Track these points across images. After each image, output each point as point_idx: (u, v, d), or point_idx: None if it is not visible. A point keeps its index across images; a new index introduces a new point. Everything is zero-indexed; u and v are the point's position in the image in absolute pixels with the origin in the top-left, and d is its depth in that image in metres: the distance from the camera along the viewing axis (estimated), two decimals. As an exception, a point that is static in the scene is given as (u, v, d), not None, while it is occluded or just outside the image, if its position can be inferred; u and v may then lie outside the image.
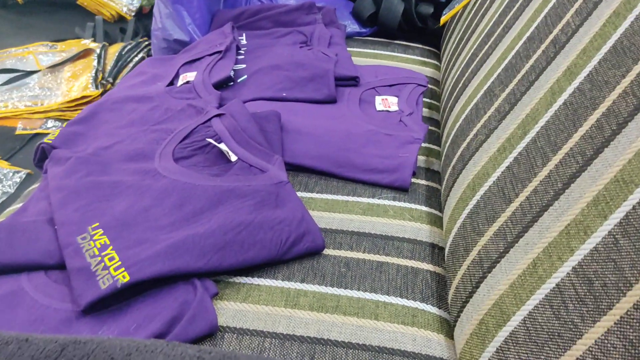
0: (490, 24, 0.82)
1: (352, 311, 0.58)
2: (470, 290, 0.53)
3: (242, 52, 1.08)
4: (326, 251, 0.65)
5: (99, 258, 0.59)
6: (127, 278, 0.57)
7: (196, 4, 1.15)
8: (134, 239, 0.62)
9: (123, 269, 0.57)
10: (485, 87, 0.71)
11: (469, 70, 0.81)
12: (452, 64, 0.96)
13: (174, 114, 0.87)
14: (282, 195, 0.69)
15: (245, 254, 0.61)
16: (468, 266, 0.55)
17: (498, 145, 0.60)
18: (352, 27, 1.20)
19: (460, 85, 0.83)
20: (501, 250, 0.50)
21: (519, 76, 0.62)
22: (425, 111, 0.95)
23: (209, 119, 0.83)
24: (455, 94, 0.83)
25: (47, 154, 0.86)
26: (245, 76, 0.96)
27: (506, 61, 0.68)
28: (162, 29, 1.20)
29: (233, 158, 0.75)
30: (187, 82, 0.98)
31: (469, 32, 0.94)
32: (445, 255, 0.63)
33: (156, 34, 1.22)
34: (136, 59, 1.83)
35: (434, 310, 0.59)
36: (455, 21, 1.11)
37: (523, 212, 0.50)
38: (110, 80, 1.71)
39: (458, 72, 0.88)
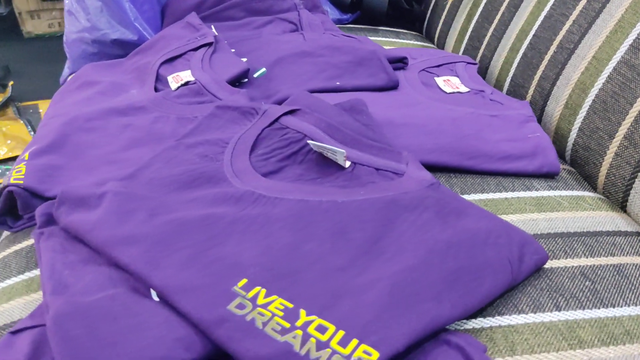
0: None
1: (652, 335, 0.42)
2: None
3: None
4: (550, 265, 0.48)
5: (298, 332, 0.36)
6: (375, 355, 0.34)
7: (144, -8, 0.89)
8: (326, 292, 0.39)
9: (356, 340, 0.35)
10: (630, 39, 0.60)
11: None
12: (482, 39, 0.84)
13: (204, 123, 0.62)
14: (451, 201, 0.50)
15: (482, 284, 0.42)
16: None
17: None
18: (331, 14, 1.03)
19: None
20: None
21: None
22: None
23: (276, 119, 0.60)
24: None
25: (15, 201, 0.57)
26: (264, 69, 0.74)
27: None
28: (90, 28, 0.91)
29: (347, 163, 0.54)
30: (186, 84, 0.73)
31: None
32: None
33: (80, 37, 0.93)
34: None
35: None
36: (438, 2, 1.00)
37: None
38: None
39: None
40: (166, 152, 0.58)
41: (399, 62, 0.78)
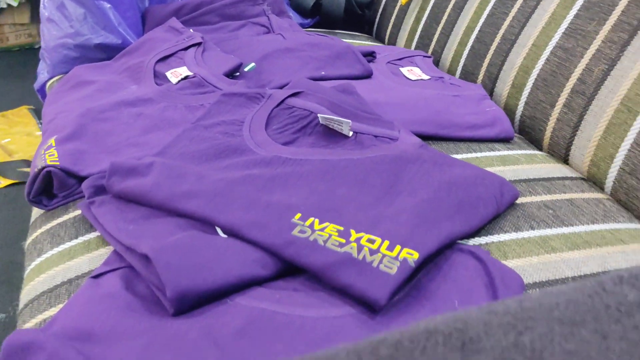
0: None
1: (604, 242, 0.55)
2: None
3: (207, 47, 0.93)
4: (520, 201, 0.61)
5: (353, 244, 0.46)
6: (416, 254, 0.45)
7: (127, 1, 0.97)
8: (366, 218, 0.49)
9: (399, 246, 0.46)
10: (562, 29, 0.75)
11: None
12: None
13: (214, 108, 0.71)
14: (440, 156, 0.62)
15: (478, 212, 0.54)
16: None
17: None
18: (294, 18, 1.14)
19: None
20: None
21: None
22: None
23: (282, 101, 0.70)
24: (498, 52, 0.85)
25: (48, 183, 0.64)
26: (253, 64, 0.84)
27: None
28: (73, 34, 0.98)
29: (350, 133, 0.65)
30: (186, 78, 0.81)
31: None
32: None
33: (62, 42, 0.99)
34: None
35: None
36: (387, 8, 1.14)
37: None
38: None
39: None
40: (187, 133, 0.67)
41: (369, 56, 0.90)
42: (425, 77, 0.87)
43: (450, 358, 0.20)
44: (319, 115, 0.65)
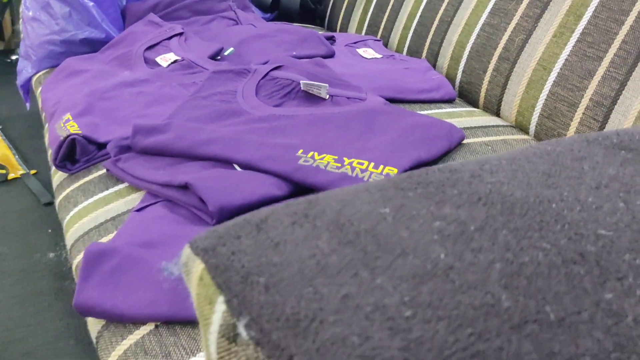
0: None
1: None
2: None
3: (185, 37, 1.06)
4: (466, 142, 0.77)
5: (347, 166, 0.60)
6: (395, 170, 0.60)
7: (108, -2, 1.07)
8: (354, 149, 0.64)
9: (382, 165, 0.60)
10: (488, 9, 0.92)
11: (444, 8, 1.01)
12: (390, 19, 1.14)
13: (208, 83, 0.84)
14: (402, 109, 0.77)
15: (437, 145, 0.69)
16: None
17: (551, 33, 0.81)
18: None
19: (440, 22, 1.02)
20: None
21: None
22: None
23: (267, 73, 0.84)
24: (434, 31, 1.02)
25: (73, 148, 0.75)
26: (232, 49, 0.97)
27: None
28: (59, 31, 1.07)
29: (327, 96, 0.79)
30: (175, 62, 0.94)
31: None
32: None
33: (48, 39, 1.08)
34: None
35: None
36: (337, 2, 1.30)
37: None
38: None
39: (417, 19, 1.06)
40: (188, 103, 0.79)
41: (330, 40, 1.04)
42: (379, 55, 1.02)
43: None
44: (300, 82, 0.79)
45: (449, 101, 0.90)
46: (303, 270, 0.28)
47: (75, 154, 0.76)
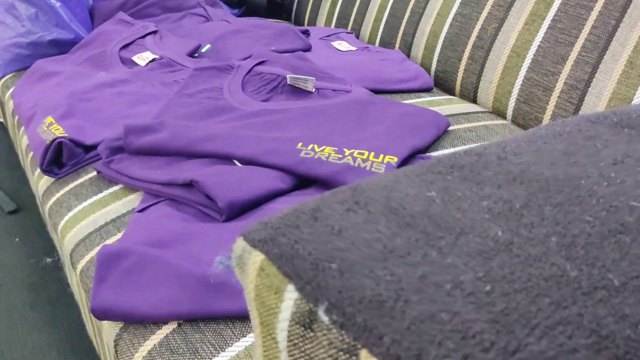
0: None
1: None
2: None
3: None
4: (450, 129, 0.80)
5: (348, 157, 0.62)
6: (395, 158, 0.62)
7: (76, -3, 1.05)
8: (352, 140, 0.65)
9: (382, 154, 0.62)
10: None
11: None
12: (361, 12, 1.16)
13: (191, 81, 0.84)
14: (387, 99, 0.79)
15: (428, 132, 0.71)
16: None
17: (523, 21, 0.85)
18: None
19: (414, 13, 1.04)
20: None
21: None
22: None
23: (251, 69, 0.84)
24: (406, 22, 1.04)
25: (56, 155, 0.74)
26: (209, 45, 0.97)
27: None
28: (26, 33, 1.04)
29: (313, 89, 0.80)
30: (153, 60, 0.93)
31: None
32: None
33: (15, 42, 1.05)
34: None
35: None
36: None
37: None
38: None
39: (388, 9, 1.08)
40: (174, 101, 0.79)
41: (304, 34, 1.05)
42: (354, 48, 1.04)
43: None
44: (287, 76, 0.79)
45: (427, 90, 0.93)
46: (372, 253, 0.29)
47: (62, 158, 0.75)
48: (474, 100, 0.93)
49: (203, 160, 0.65)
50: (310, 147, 0.63)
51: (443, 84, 0.98)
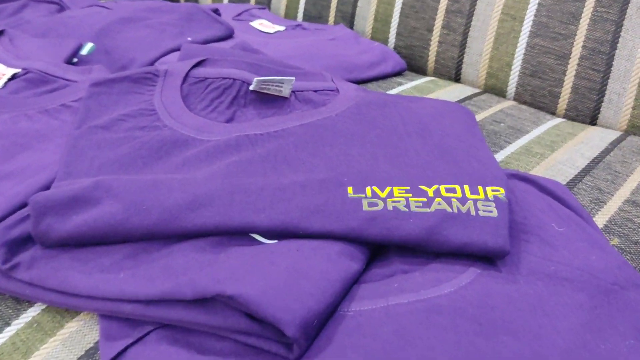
0: None
1: (562, 139, 0.59)
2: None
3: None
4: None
5: (437, 199, 0.40)
6: (502, 190, 0.41)
7: None
8: (417, 171, 0.44)
9: (480, 187, 0.41)
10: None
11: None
12: None
13: (92, 104, 0.54)
14: (397, 97, 0.58)
15: (477, 133, 0.52)
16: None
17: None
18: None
19: None
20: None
21: None
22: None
23: (188, 73, 0.57)
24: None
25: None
26: (92, 44, 0.66)
27: None
28: None
29: (286, 93, 0.56)
30: (13, 77, 0.60)
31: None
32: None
33: None
34: None
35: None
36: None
37: None
38: None
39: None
40: (83, 142, 0.50)
41: (215, 13, 0.78)
42: (281, 28, 0.80)
43: None
44: (255, 79, 0.54)
45: (400, 73, 0.73)
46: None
47: None
48: (456, 79, 0.75)
49: (197, 243, 0.39)
50: (369, 191, 0.41)
51: (410, 63, 0.78)
